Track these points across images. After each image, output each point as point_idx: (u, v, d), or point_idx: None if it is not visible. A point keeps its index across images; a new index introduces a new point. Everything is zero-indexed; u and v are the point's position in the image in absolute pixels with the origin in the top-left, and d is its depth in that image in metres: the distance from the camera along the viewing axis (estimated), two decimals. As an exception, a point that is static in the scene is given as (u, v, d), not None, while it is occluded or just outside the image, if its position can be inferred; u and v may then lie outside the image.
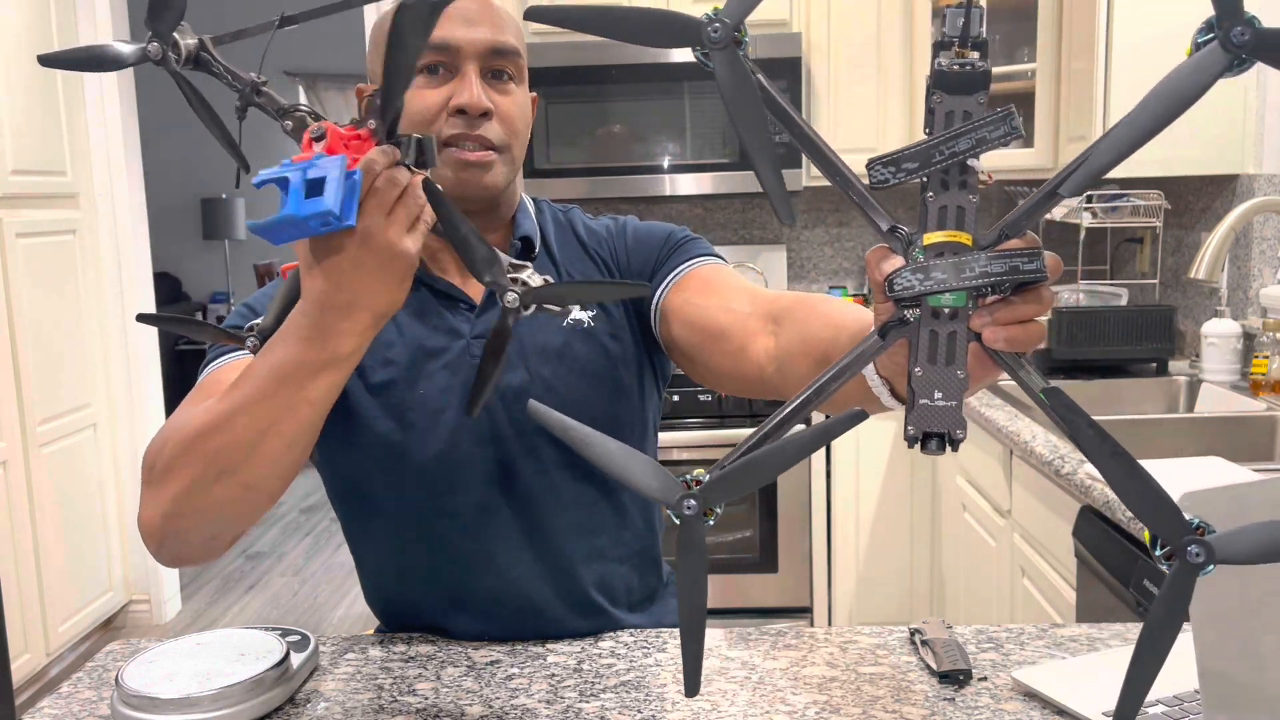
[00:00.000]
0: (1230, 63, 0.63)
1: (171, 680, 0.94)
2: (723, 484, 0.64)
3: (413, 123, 1.08)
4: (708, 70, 0.63)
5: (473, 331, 1.12)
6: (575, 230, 1.23)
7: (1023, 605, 2.16)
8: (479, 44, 1.07)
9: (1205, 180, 2.69)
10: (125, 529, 3.56)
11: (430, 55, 1.07)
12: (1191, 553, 0.61)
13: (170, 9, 0.83)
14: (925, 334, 0.67)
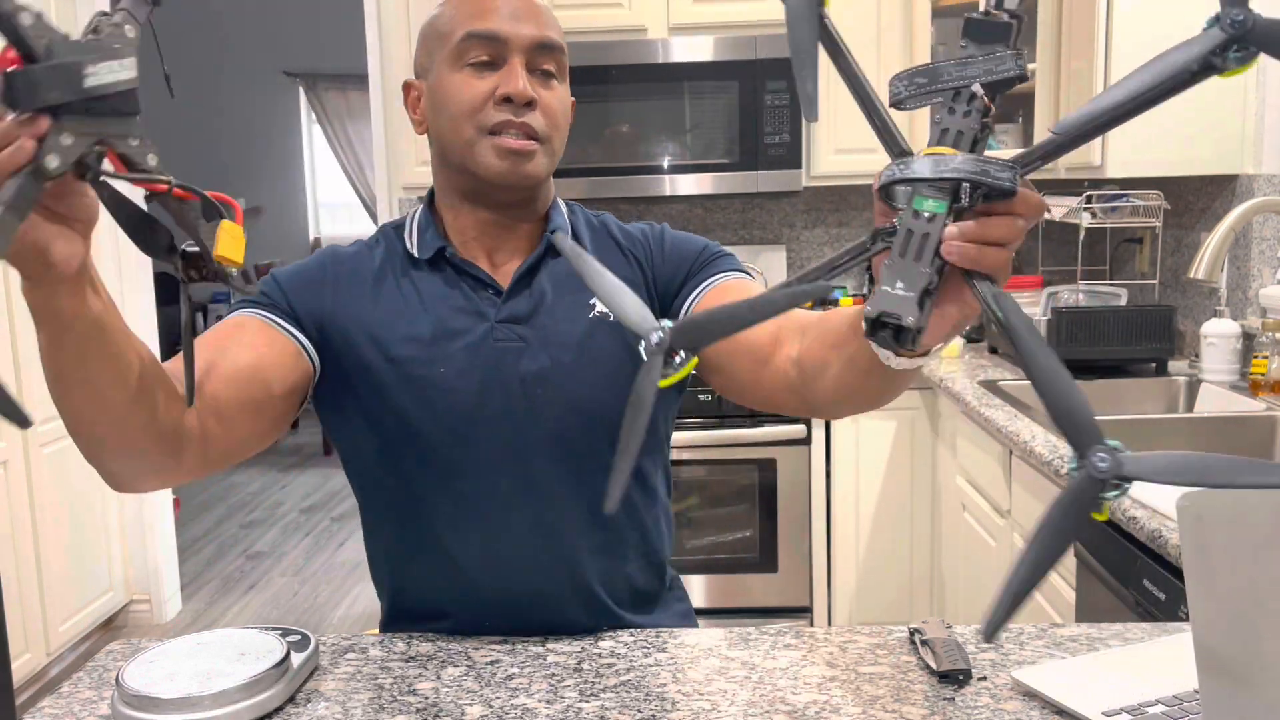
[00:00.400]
0: (1226, 42, 0.68)
1: (172, 680, 0.94)
2: (692, 328, 0.70)
3: (458, 113, 1.12)
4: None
5: (497, 316, 1.15)
6: (610, 232, 1.25)
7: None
8: (525, 38, 1.11)
9: (1205, 180, 2.69)
10: (125, 529, 3.56)
11: (478, 47, 1.11)
12: (1097, 460, 0.63)
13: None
14: (904, 230, 0.72)
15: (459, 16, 1.13)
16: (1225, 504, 0.66)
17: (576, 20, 3.15)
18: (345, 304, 1.14)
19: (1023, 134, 3.05)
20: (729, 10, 3.15)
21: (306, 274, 1.17)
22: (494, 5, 1.12)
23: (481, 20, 1.11)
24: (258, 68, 6.98)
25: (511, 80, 1.10)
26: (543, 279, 1.17)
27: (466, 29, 1.11)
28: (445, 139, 1.14)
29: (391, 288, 1.16)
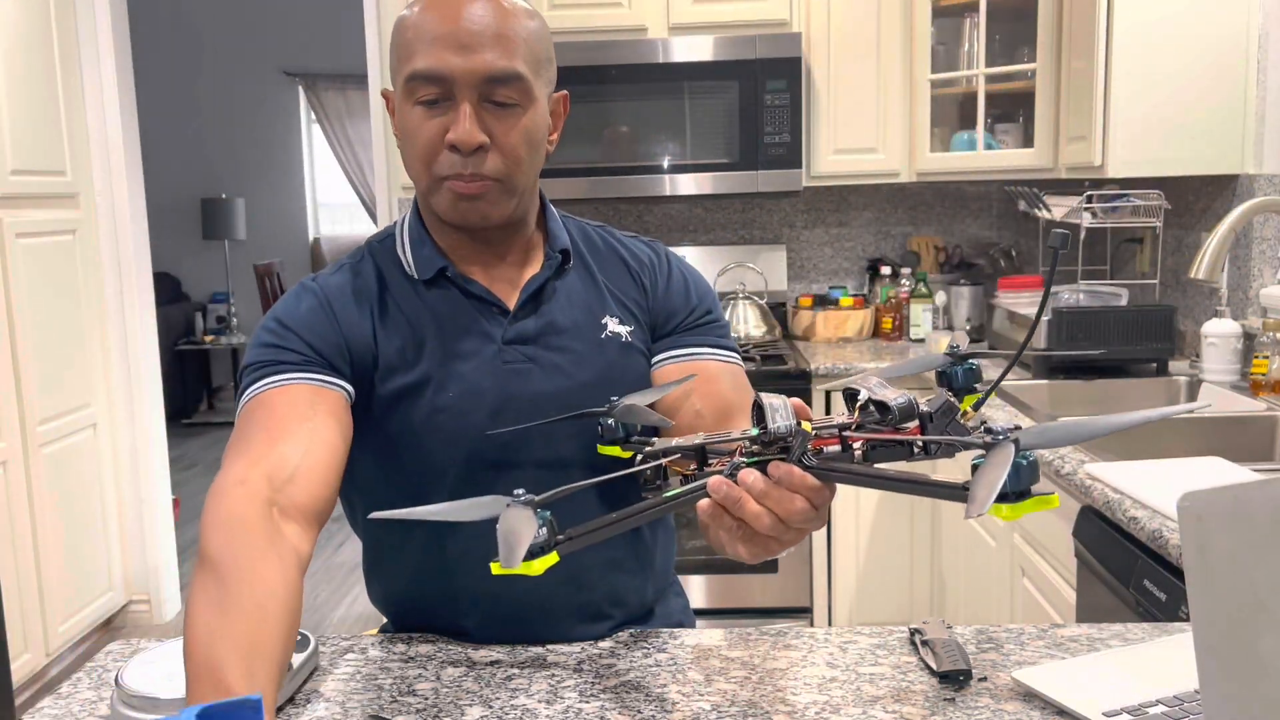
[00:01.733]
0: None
1: (171, 680, 0.94)
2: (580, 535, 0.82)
3: (413, 155, 1.08)
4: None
5: (504, 337, 1.12)
6: (617, 251, 1.23)
7: (1023, 605, 2.16)
8: (475, 75, 1.04)
9: (1205, 180, 2.69)
10: (125, 529, 3.56)
11: (424, 88, 1.05)
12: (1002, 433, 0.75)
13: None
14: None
15: (412, 43, 1.05)
16: (1225, 504, 0.66)
17: (576, 20, 3.15)
18: (351, 332, 1.10)
19: (1023, 133, 3.05)
20: (729, 10, 3.15)
21: (310, 313, 1.10)
22: (444, 32, 1.03)
23: (427, 56, 1.04)
24: (258, 68, 6.98)
25: (458, 126, 1.04)
26: (549, 298, 1.15)
27: (410, 68, 1.05)
28: (409, 172, 1.11)
29: (394, 310, 1.12)
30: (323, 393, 1.06)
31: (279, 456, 0.98)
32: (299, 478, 0.98)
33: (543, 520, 0.80)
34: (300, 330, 1.08)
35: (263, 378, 1.06)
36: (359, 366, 1.10)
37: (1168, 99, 2.49)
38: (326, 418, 1.04)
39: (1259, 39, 2.47)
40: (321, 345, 1.08)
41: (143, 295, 3.56)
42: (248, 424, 1.03)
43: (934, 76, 3.12)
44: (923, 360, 0.95)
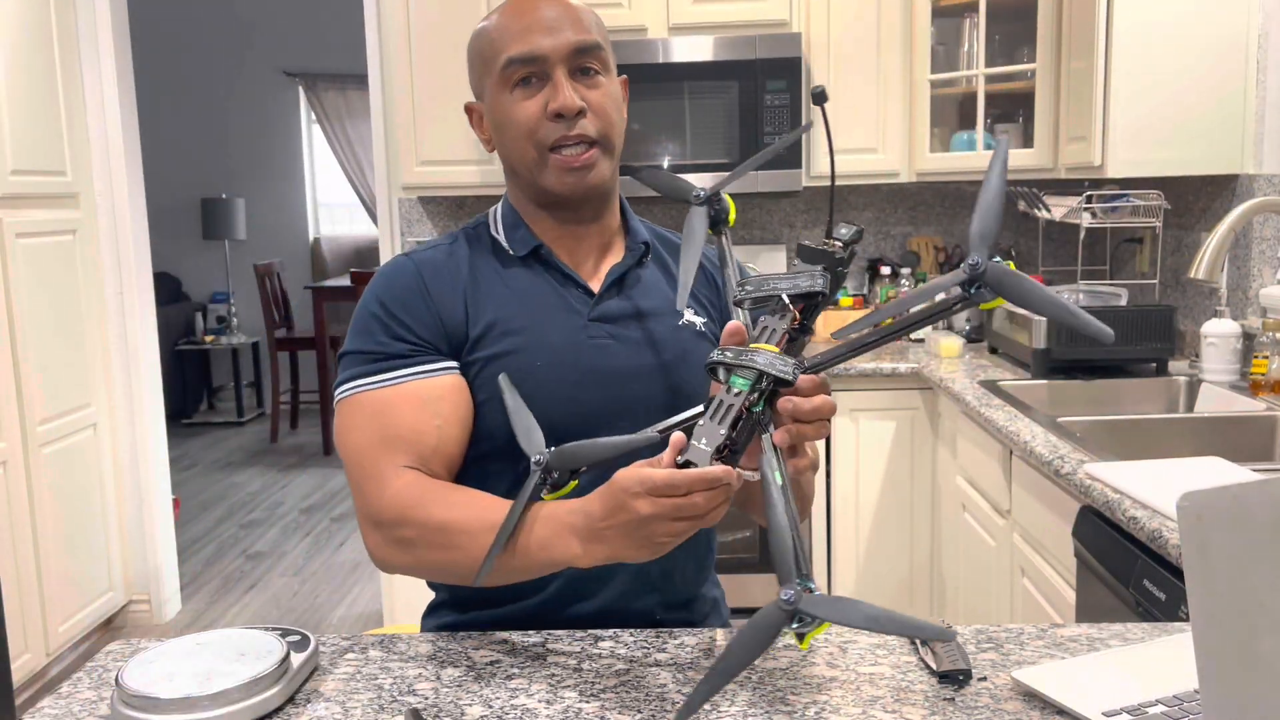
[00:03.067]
0: (966, 282, 0.86)
1: (171, 680, 0.94)
2: (568, 455, 0.98)
3: (518, 135, 1.18)
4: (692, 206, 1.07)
5: (590, 314, 1.22)
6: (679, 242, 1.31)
7: (1023, 605, 2.16)
8: (563, 48, 1.16)
9: (1205, 180, 2.69)
10: (125, 529, 3.56)
11: (520, 69, 1.17)
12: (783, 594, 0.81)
13: None
14: (716, 400, 0.93)
15: (499, 40, 1.18)
16: (1225, 504, 0.66)
17: (576, 20, 3.14)
18: (444, 307, 1.19)
19: (1023, 133, 3.05)
20: (729, 10, 3.15)
21: (407, 293, 1.19)
22: (529, 21, 1.17)
23: (519, 42, 1.16)
24: (258, 68, 6.98)
25: (559, 95, 1.15)
26: (632, 285, 1.26)
27: (506, 55, 1.17)
28: (512, 158, 1.21)
29: (487, 282, 1.22)
30: (436, 383, 1.17)
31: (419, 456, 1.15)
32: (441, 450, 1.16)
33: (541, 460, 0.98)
34: (402, 315, 1.18)
35: (378, 372, 1.17)
36: (454, 339, 1.19)
37: (1168, 99, 2.49)
38: (446, 406, 1.16)
39: (1259, 39, 2.47)
40: (422, 330, 1.18)
41: (143, 295, 3.56)
42: (376, 425, 1.15)
43: (934, 76, 3.12)
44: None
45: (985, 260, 0.86)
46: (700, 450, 0.90)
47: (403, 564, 1.13)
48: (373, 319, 1.19)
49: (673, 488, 0.89)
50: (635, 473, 0.92)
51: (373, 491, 1.13)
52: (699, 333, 1.27)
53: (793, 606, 0.80)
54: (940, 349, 2.99)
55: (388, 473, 1.12)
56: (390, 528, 1.11)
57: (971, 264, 0.85)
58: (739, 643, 0.82)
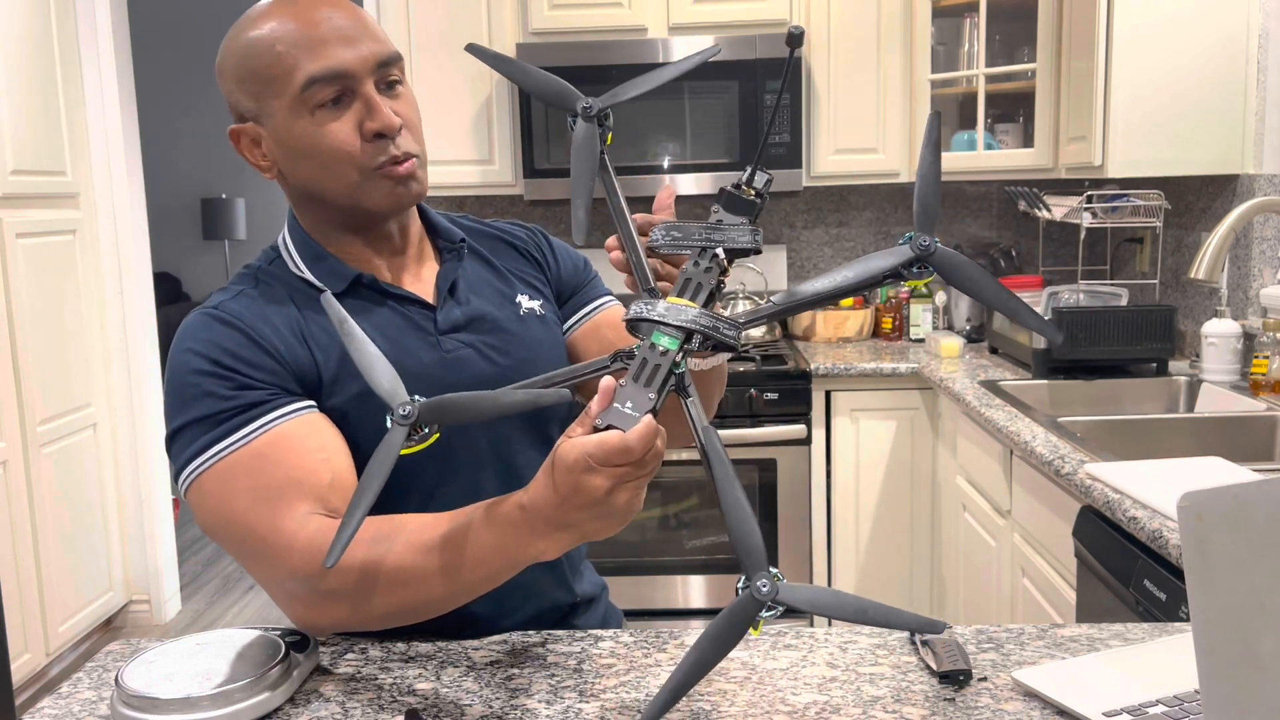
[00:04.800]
0: (912, 260, 0.86)
1: (171, 680, 0.94)
2: (439, 408, 0.84)
3: (332, 160, 1.06)
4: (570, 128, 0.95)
5: (438, 328, 1.14)
6: (493, 233, 1.28)
7: (1023, 605, 2.16)
8: (369, 60, 1.05)
9: (1205, 180, 2.69)
10: (125, 529, 3.56)
11: (325, 89, 1.04)
12: (760, 584, 0.77)
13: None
14: (639, 359, 0.85)
15: (288, 54, 1.03)
16: (1225, 504, 0.66)
17: (576, 20, 3.15)
18: (283, 351, 1.06)
19: (1023, 133, 3.05)
20: (729, 10, 3.15)
21: (235, 345, 1.05)
22: (322, 32, 1.04)
23: (318, 58, 1.03)
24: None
25: (378, 115, 1.05)
26: (461, 287, 1.18)
27: (307, 73, 1.03)
28: (320, 185, 1.08)
29: (318, 327, 1.09)
30: (304, 420, 1.04)
31: (317, 498, 1.01)
32: (338, 484, 1.03)
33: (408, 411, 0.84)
34: (238, 365, 1.04)
35: (235, 430, 1.01)
36: (305, 383, 1.07)
37: (1168, 99, 2.49)
38: (326, 437, 1.04)
39: (1259, 39, 2.47)
40: (267, 376, 1.05)
41: (143, 295, 3.56)
42: (256, 483, 1.00)
43: (934, 76, 3.12)
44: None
45: (932, 241, 0.85)
46: (627, 416, 0.83)
47: (336, 619, 1.00)
48: (204, 377, 1.02)
49: (627, 454, 0.82)
50: (577, 450, 0.83)
51: (279, 552, 0.98)
52: (540, 317, 1.21)
53: (768, 598, 0.77)
54: (940, 349, 2.99)
55: (289, 526, 0.98)
56: (310, 583, 0.97)
57: (923, 244, 0.85)
58: (712, 639, 0.80)
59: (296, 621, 1.03)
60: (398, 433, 0.84)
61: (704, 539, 3.04)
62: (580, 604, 1.26)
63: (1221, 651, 0.66)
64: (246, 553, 1.01)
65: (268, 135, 1.08)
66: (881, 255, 0.87)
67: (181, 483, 1.04)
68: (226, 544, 1.02)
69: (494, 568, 0.94)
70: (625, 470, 0.83)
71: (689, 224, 0.91)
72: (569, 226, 3.37)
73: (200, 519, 1.04)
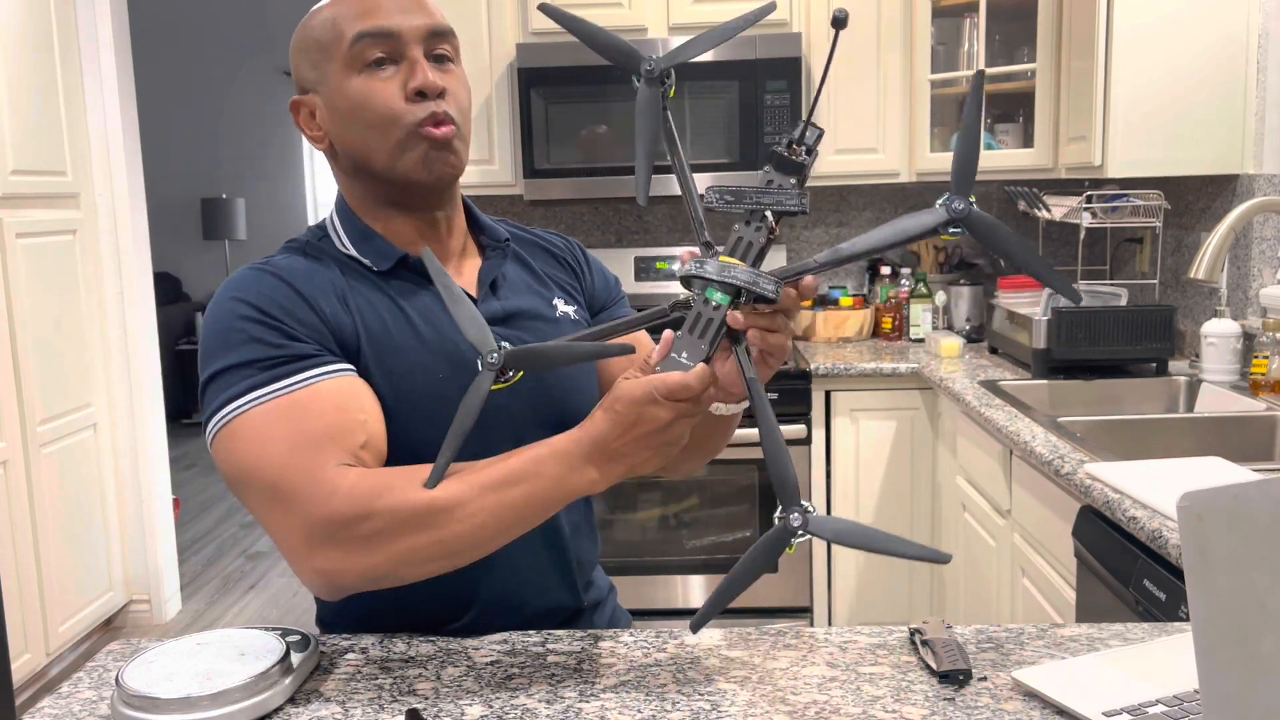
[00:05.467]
0: (948, 222, 0.92)
1: (171, 680, 0.94)
2: (524, 355, 0.96)
3: (376, 118, 1.08)
4: (633, 89, 0.98)
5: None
6: (534, 239, 1.30)
7: (1023, 605, 2.16)
8: (420, 28, 1.09)
9: (1205, 180, 2.69)
10: (125, 529, 3.56)
11: (374, 46, 1.08)
12: (792, 516, 0.89)
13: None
14: (694, 313, 0.95)
15: (343, 20, 1.08)
16: (1225, 504, 0.66)
17: (576, 20, 3.14)
18: (326, 310, 1.08)
19: (1023, 133, 3.05)
20: (729, 10, 3.14)
21: (282, 297, 1.06)
22: (377, 1, 1.09)
23: (370, 18, 1.08)
24: (258, 68, 6.98)
25: (420, 74, 1.08)
26: (502, 284, 1.20)
27: (356, 29, 1.07)
28: (366, 147, 1.10)
29: (364, 289, 1.11)
30: (346, 380, 1.05)
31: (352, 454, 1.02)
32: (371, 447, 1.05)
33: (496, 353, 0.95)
34: (285, 317, 1.05)
35: (281, 377, 1.02)
36: (346, 346, 1.08)
37: (1168, 99, 2.49)
38: (366, 400, 1.05)
39: (1259, 39, 2.47)
40: (311, 332, 1.06)
41: (143, 295, 3.56)
42: (295, 429, 1.00)
43: (934, 76, 3.13)
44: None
45: (967, 203, 0.92)
46: (682, 364, 0.94)
47: (365, 567, 0.98)
48: (251, 324, 1.04)
49: (687, 389, 0.92)
50: (642, 384, 0.93)
51: (316, 497, 0.97)
52: (574, 321, 1.24)
53: (799, 529, 0.89)
54: (940, 349, 2.99)
55: (328, 473, 0.98)
56: (349, 527, 0.97)
57: (958, 208, 0.91)
58: (750, 560, 0.91)
59: (317, 574, 1.00)
60: (486, 377, 0.95)
61: (704, 539, 3.04)
62: (586, 609, 1.26)
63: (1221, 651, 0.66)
64: (277, 497, 0.99)
65: (322, 103, 1.11)
66: (918, 215, 0.92)
67: (215, 423, 1.02)
68: (251, 488, 1.01)
69: (545, 498, 0.98)
70: (684, 405, 0.93)
71: (741, 186, 0.96)
72: (568, 226, 3.40)
73: (227, 461, 1.02)
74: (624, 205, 3.60)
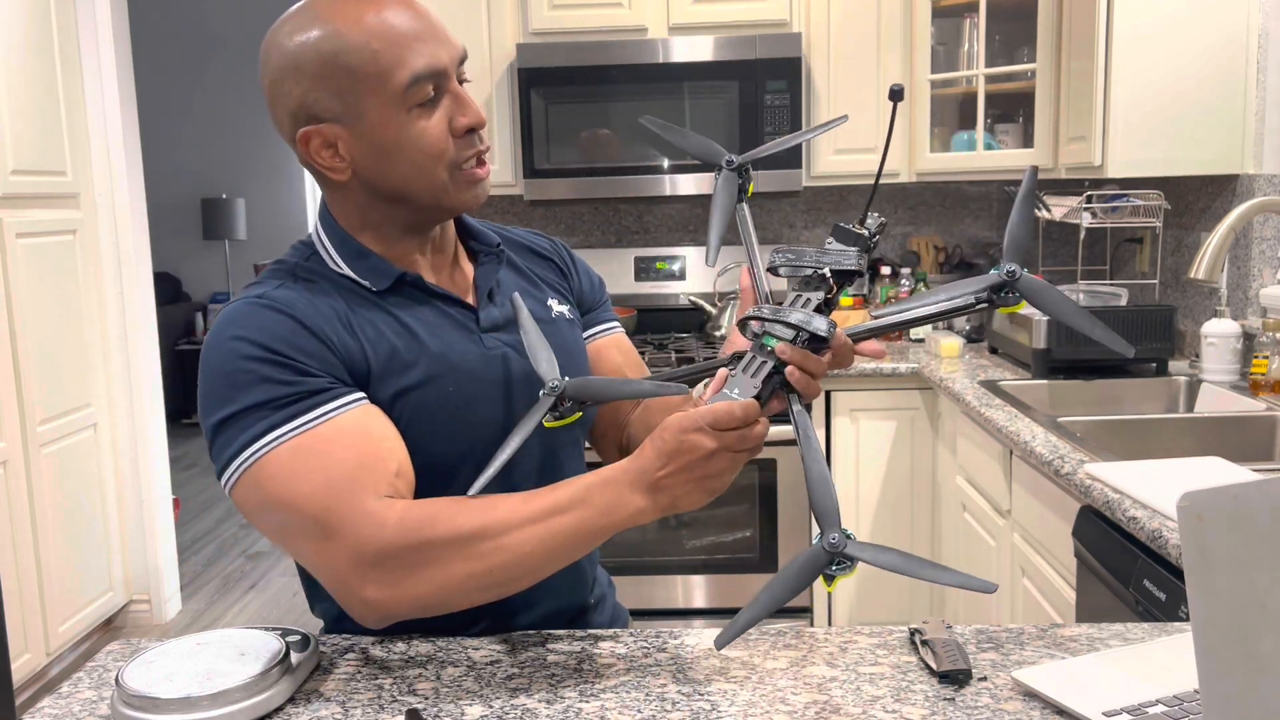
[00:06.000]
0: (999, 285, 0.96)
1: (171, 680, 0.94)
2: (585, 388, 1.03)
3: (425, 158, 1.07)
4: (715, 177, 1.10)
5: (481, 327, 1.16)
6: (521, 240, 1.30)
7: (1023, 605, 2.16)
8: (455, 59, 1.09)
9: (1205, 180, 2.69)
10: (125, 529, 3.56)
11: (428, 84, 1.05)
12: (829, 538, 0.90)
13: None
14: (749, 354, 1.00)
15: (386, 51, 1.03)
16: (1225, 504, 0.66)
17: (576, 20, 3.15)
18: (333, 340, 1.06)
19: (1023, 133, 3.05)
20: (729, 10, 3.15)
21: (288, 333, 1.03)
22: (417, 29, 1.05)
23: (420, 56, 1.04)
24: (258, 68, 6.98)
25: (468, 109, 1.08)
26: (497, 291, 1.20)
27: (412, 70, 1.03)
28: (408, 183, 1.08)
29: (366, 311, 1.10)
30: (364, 410, 1.04)
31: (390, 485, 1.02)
32: (403, 473, 1.06)
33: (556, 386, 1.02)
34: (295, 353, 1.03)
35: (300, 414, 1.00)
36: (356, 374, 1.07)
37: (1168, 99, 2.49)
38: (387, 428, 1.05)
39: (1259, 39, 2.47)
40: (323, 366, 1.04)
41: (143, 295, 3.56)
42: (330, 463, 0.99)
43: (934, 76, 3.13)
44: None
45: (1020, 269, 0.95)
46: (732, 399, 0.97)
47: (414, 596, 0.99)
48: (258, 364, 1.01)
49: (731, 418, 0.94)
50: (689, 415, 0.95)
51: (365, 527, 0.97)
52: (569, 320, 1.25)
53: (837, 550, 0.89)
54: (940, 349, 2.99)
55: (373, 505, 0.98)
56: (399, 558, 0.97)
57: (1009, 270, 0.95)
58: (783, 580, 0.90)
59: (367, 606, 0.99)
60: (545, 401, 1.02)
61: (704, 539, 3.04)
62: (593, 605, 1.27)
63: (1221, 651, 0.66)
64: (323, 531, 0.98)
65: (351, 136, 1.06)
66: (971, 281, 0.98)
67: (236, 468, 1.00)
68: (291, 526, 1.00)
69: (593, 527, 0.99)
70: (729, 436, 0.95)
71: (803, 248, 1.04)
72: (568, 226, 3.41)
73: (258, 501, 1.00)
74: (624, 205, 3.59)
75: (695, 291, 3.49)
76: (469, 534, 0.98)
